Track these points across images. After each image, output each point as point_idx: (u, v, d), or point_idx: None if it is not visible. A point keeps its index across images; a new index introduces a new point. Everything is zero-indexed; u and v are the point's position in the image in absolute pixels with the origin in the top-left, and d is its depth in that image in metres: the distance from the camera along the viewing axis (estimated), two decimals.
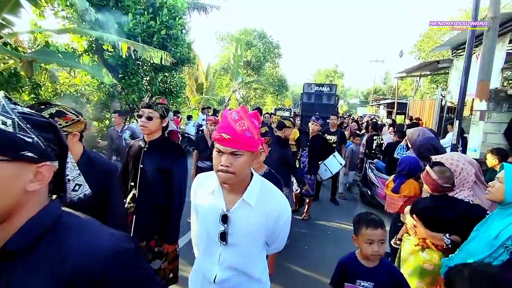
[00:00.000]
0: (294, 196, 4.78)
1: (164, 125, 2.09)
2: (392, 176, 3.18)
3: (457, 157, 2.03)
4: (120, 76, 7.85)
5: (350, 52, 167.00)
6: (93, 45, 7.54)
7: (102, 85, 7.82)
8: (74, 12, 6.76)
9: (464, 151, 5.59)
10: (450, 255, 1.72)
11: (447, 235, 1.80)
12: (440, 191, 1.90)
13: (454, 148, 5.01)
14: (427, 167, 1.91)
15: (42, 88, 7.46)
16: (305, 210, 4.94)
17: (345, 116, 17.52)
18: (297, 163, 4.91)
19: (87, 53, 7.49)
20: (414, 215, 1.97)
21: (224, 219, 1.20)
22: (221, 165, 1.10)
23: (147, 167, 2.03)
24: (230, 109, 1.21)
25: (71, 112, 1.52)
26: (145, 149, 2.06)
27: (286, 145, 4.06)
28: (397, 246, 2.30)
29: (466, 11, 17.72)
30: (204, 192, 1.29)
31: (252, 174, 1.26)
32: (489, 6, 4.99)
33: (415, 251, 1.98)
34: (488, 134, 5.35)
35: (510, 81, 12.90)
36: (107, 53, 7.39)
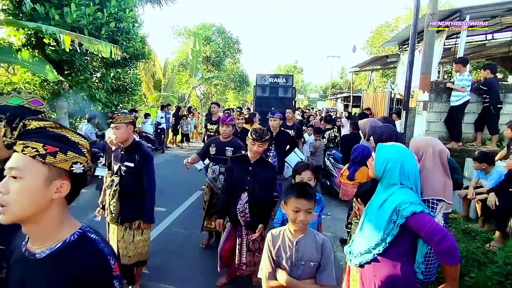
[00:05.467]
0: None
1: None
2: (347, 165, 3.34)
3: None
4: (66, 72, 7.25)
5: (308, 48, 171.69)
6: (32, 39, 6.87)
7: (46, 83, 7.16)
8: (10, 3, 6.10)
9: None
10: (350, 241, 1.88)
11: None
12: None
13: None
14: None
15: None
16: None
17: (307, 110, 17.98)
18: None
19: (26, 48, 6.80)
20: (358, 199, 2.08)
21: None
22: None
23: None
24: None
25: None
26: None
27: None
28: (348, 230, 2.41)
29: (411, 9, 19.10)
30: None
31: None
32: (428, 4, 5.41)
33: None
34: (431, 122, 5.84)
35: (449, 74, 14.19)
36: (49, 47, 6.76)
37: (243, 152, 3.06)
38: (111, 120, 2.48)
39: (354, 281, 1.74)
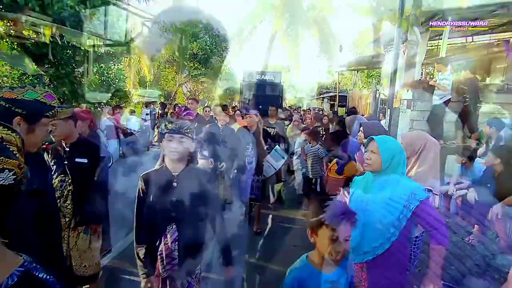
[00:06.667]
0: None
1: None
2: (335, 160, 3.39)
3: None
4: (46, 66, 7.01)
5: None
6: (11, 31, 6.60)
7: (25, 76, 6.91)
8: None
9: None
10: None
11: None
12: None
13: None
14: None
15: None
16: (255, 222, 4.18)
17: (293, 109, 18.03)
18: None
19: (4, 40, 6.53)
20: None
21: None
22: None
23: None
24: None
25: None
26: None
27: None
28: None
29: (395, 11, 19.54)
30: None
31: None
32: (412, 6, 5.55)
33: None
34: (414, 121, 5.98)
35: (431, 76, 14.62)
36: (29, 40, 6.52)
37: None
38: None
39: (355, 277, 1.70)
